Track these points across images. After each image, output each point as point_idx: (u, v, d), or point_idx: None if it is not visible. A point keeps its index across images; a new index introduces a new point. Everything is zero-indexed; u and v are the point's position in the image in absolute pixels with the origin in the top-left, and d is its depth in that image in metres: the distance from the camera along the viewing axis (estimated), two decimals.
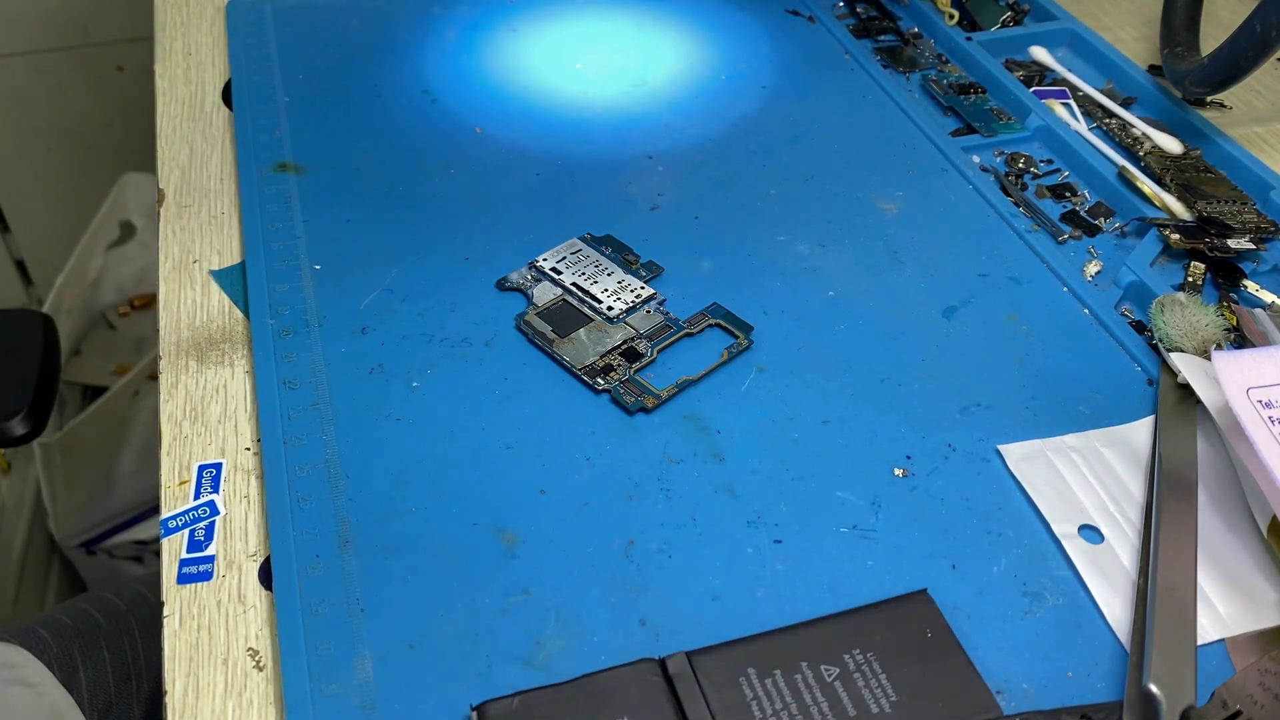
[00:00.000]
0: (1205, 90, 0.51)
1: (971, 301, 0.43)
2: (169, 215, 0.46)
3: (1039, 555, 0.34)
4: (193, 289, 0.42)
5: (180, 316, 0.41)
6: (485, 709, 0.28)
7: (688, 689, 0.28)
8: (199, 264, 0.44)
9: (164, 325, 0.41)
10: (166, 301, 0.42)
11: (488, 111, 0.52)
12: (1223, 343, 0.39)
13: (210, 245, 0.45)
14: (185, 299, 0.42)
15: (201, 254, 0.44)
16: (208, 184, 0.48)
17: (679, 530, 0.34)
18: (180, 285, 0.42)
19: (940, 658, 0.29)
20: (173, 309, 0.41)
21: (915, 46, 0.57)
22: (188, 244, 0.45)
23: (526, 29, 0.57)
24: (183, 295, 0.42)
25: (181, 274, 0.43)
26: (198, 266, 0.44)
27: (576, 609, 0.31)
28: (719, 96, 0.54)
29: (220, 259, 0.44)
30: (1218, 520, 0.34)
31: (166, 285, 0.42)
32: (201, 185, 0.48)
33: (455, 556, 0.33)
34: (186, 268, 0.44)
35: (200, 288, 0.42)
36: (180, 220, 0.46)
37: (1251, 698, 0.29)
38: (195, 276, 0.42)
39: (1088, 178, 0.49)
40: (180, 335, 0.41)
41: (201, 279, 0.42)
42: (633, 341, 0.39)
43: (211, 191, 0.48)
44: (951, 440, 0.37)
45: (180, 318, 0.41)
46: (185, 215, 0.46)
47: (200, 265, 0.44)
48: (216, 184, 0.48)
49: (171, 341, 0.40)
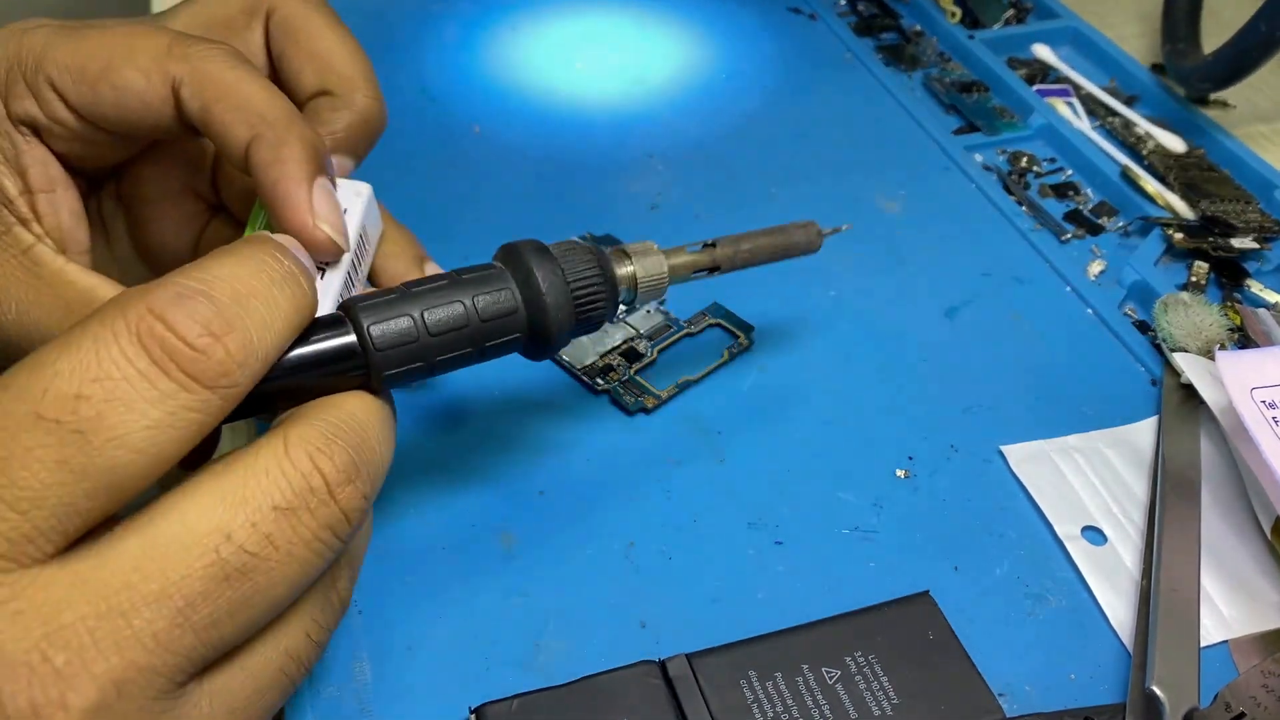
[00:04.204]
0: (1209, 86, 0.50)
1: (974, 301, 0.42)
2: None
3: (1042, 556, 0.33)
4: None
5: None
6: (484, 711, 0.27)
7: (688, 691, 0.28)
8: None
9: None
10: None
11: (487, 110, 0.51)
12: (1226, 343, 0.39)
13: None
14: None
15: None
16: None
17: (679, 532, 0.34)
18: None
19: (942, 660, 0.29)
20: None
21: (917, 44, 0.57)
22: None
23: (526, 27, 0.57)
24: None
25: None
26: None
27: (576, 611, 0.31)
28: (720, 95, 0.53)
29: None
30: (1221, 521, 0.34)
31: None
32: None
33: (454, 557, 0.33)
34: None
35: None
36: None
37: (1255, 699, 0.29)
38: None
39: (1091, 176, 0.49)
40: None
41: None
42: (633, 341, 0.39)
43: None
44: (954, 441, 0.37)
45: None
46: None
47: None
48: None
49: None
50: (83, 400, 0.19)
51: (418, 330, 0.25)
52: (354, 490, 0.22)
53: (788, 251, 0.34)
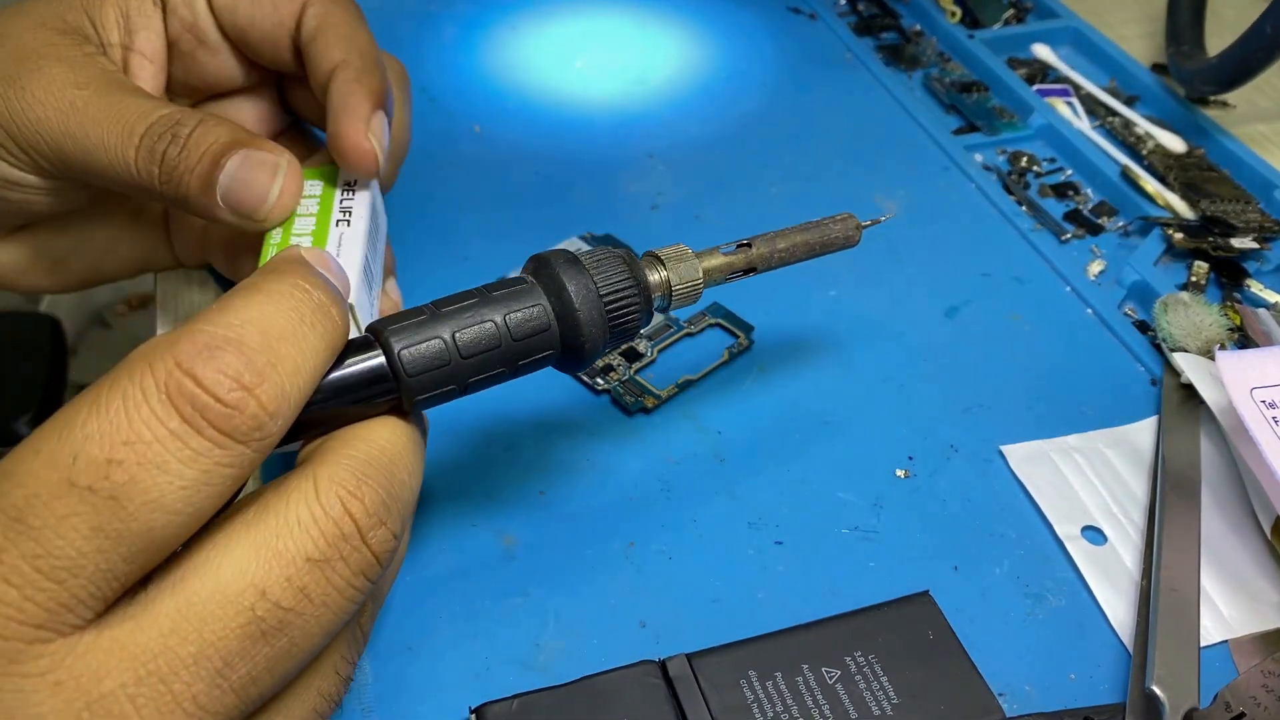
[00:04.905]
0: (1213, 90, 0.50)
1: (974, 301, 0.42)
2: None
3: (1042, 556, 0.33)
4: (190, 288, 0.42)
5: (178, 317, 0.41)
6: (484, 711, 0.27)
7: (688, 691, 0.28)
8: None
9: (161, 325, 0.41)
10: (164, 301, 0.41)
11: (487, 110, 0.51)
12: (1226, 343, 0.39)
13: None
14: (183, 299, 0.42)
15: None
16: None
17: (679, 532, 0.34)
18: (178, 284, 0.42)
19: (942, 660, 0.29)
20: (170, 309, 0.41)
21: (917, 44, 0.57)
22: None
23: (526, 26, 0.57)
24: (181, 295, 0.42)
25: (179, 273, 0.42)
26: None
27: (576, 611, 0.31)
28: (720, 94, 0.53)
29: None
30: (1221, 521, 0.34)
31: (164, 285, 0.42)
32: None
33: (454, 557, 0.33)
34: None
35: (198, 287, 0.42)
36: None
37: (1255, 700, 0.29)
38: (193, 276, 0.42)
39: (1090, 176, 0.49)
40: None
41: (199, 278, 0.42)
42: (633, 341, 0.39)
43: None
44: (954, 441, 0.37)
45: (178, 318, 0.41)
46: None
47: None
48: None
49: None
50: (115, 465, 0.19)
51: (449, 353, 0.25)
52: (385, 532, 0.22)
53: (826, 247, 0.33)
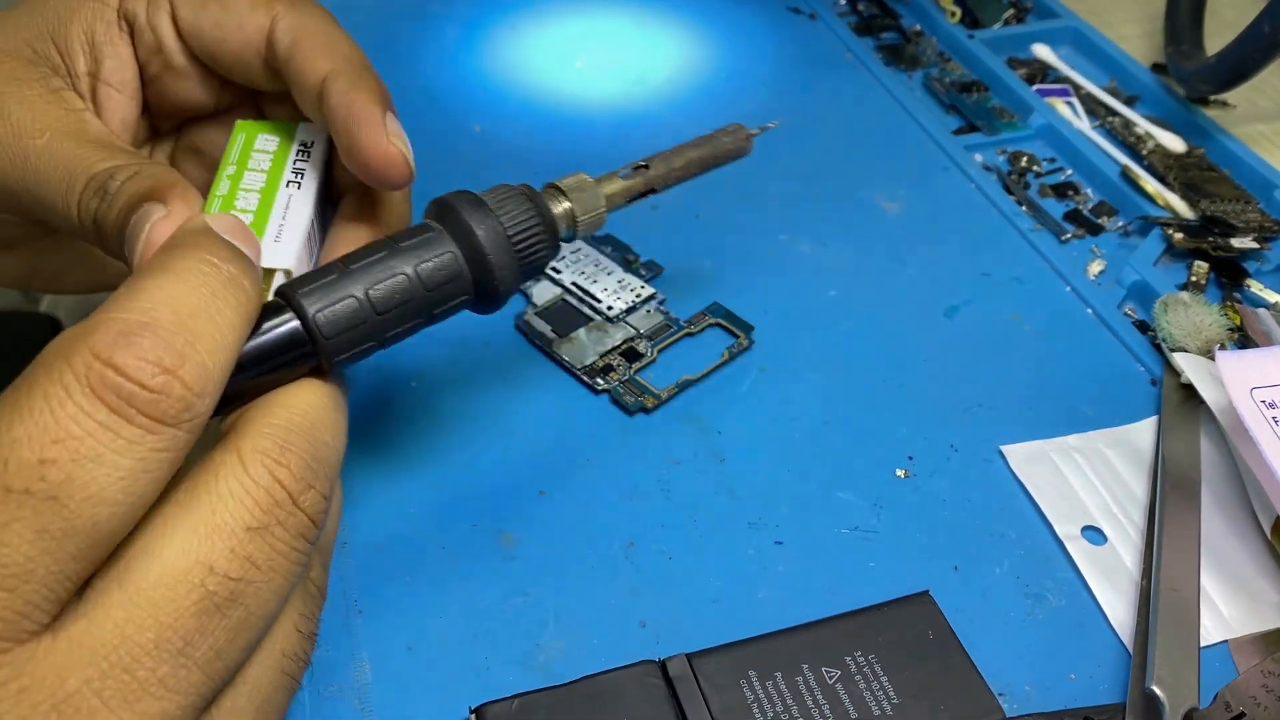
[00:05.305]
0: (1211, 89, 0.50)
1: (974, 301, 0.42)
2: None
3: (1041, 556, 0.33)
4: None
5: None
6: (484, 711, 0.27)
7: (688, 691, 0.28)
8: None
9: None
10: None
11: (487, 110, 0.51)
12: (1226, 343, 0.39)
13: None
14: None
15: None
16: None
17: (679, 531, 0.34)
18: None
19: (942, 659, 0.29)
20: None
21: (917, 44, 0.57)
22: None
23: (526, 26, 0.57)
24: None
25: None
26: None
27: (576, 610, 0.31)
28: (720, 94, 0.53)
29: None
30: (1221, 521, 0.34)
31: None
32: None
33: (454, 557, 0.33)
34: None
35: None
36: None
37: (1255, 699, 0.29)
38: None
39: (1090, 176, 0.49)
40: None
41: None
42: (633, 341, 0.39)
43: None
44: (954, 441, 0.37)
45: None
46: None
47: None
48: None
49: None
50: (49, 464, 0.19)
51: (365, 310, 0.25)
52: (314, 495, 0.22)
53: (719, 159, 0.34)
